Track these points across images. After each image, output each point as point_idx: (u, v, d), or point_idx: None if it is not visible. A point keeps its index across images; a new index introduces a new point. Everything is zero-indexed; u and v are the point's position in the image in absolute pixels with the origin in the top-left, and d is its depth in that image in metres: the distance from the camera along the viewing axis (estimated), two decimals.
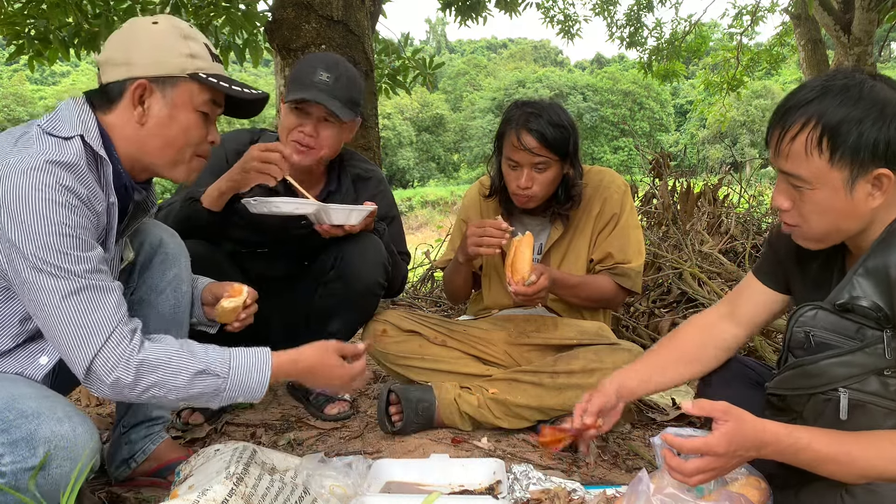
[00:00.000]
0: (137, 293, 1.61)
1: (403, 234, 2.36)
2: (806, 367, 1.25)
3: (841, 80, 1.18)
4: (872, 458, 1.14)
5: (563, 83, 47.22)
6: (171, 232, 1.67)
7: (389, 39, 5.69)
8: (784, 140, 1.20)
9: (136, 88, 1.34)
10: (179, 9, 4.57)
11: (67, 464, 1.15)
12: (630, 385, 1.56)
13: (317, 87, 1.96)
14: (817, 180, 1.19)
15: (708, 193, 4.43)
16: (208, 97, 1.41)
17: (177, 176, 1.45)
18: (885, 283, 1.17)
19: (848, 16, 7.74)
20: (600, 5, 10.41)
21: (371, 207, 1.98)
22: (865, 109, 1.14)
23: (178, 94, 1.37)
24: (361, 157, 2.32)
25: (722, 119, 12.44)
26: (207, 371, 1.31)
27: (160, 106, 1.37)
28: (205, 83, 1.39)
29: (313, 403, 2.18)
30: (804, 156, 1.18)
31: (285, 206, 1.88)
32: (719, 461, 1.17)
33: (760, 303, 1.54)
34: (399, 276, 2.25)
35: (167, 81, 1.36)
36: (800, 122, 1.18)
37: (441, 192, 36.83)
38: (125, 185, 1.41)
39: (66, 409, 1.20)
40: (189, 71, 1.37)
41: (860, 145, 1.14)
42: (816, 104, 1.17)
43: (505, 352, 2.15)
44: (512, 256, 1.85)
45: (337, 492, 1.46)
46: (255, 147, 1.85)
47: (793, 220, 1.28)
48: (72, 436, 1.16)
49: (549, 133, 1.94)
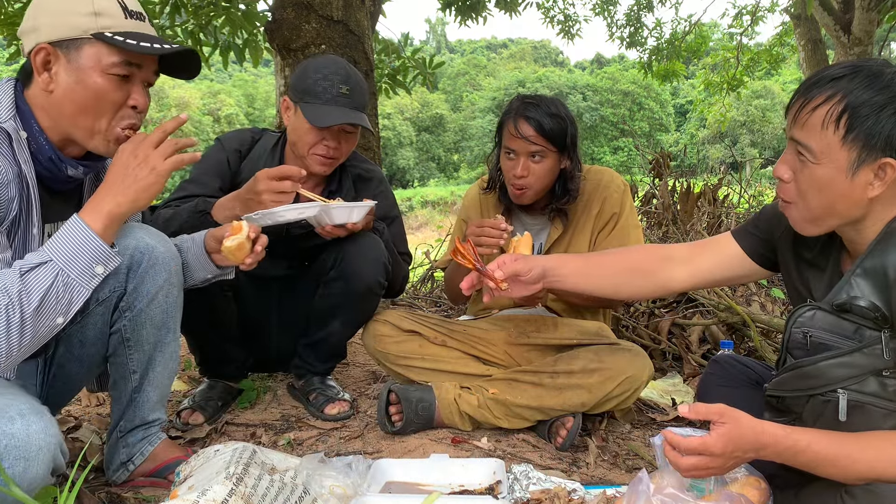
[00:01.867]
0: (128, 299, 1.56)
1: (405, 234, 2.36)
2: (804, 369, 1.25)
3: (874, 66, 1.19)
4: (872, 459, 1.14)
5: (563, 83, 47.20)
6: (162, 238, 1.61)
7: (389, 39, 5.69)
8: (805, 109, 1.20)
9: (37, 54, 1.29)
10: (179, 9, 4.57)
11: (20, 464, 1.10)
12: (562, 272, 1.56)
13: (339, 104, 1.99)
14: (824, 155, 1.18)
15: (708, 193, 4.43)
16: (119, 58, 1.31)
17: (96, 147, 1.37)
18: (883, 284, 1.16)
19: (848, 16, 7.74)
20: (600, 5, 10.42)
21: (371, 204, 1.98)
22: (890, 98, 1.14)
23: (83, 57, 1.29)
24: (362, 157, 2.32)
25: (722, 119, 12.44)
26: (27, 266, 1.20)
27: (66, 71, 1.29)
28: (111, 43, 1.29)
29: (313, 403, 2.18)
30: (819, 128, 1.18)
31: (289, 214, 1.86)
32: (716, 461, 1.17)
33: (725, 258, 1.53)
34: (400, 276, 2.25)
35: (70, 44, 1.29)
36: (824, 95, 1.18)
37: (441, 192, 36.82)
38: (51, 157, 1.35)
39: (21, 407, 1.15)
40: (92, 31, 1.29)
41: (875, 131, 1.14)
42: (846, 82, 1.17)
43: (505, 352, 2.15)
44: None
45: (337, 492, 1.46)
46: (265, 176, 1.81)
47: (789, 196, 1.27)
48: (24, 435, 1.11)
49: (546, 122, 1.96)
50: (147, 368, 1.63)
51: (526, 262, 1.56)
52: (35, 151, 1.34)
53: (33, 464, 1.12)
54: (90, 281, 1.26)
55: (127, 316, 1.57)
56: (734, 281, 1.58)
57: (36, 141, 1.34)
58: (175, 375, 1.74)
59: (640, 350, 1.96)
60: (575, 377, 1.91)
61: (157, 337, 1.62)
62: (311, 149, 2.02)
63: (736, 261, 1.53)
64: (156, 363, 1.64)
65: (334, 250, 2.10)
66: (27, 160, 1.32)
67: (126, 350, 1.61)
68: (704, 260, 1.55)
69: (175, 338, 1.67)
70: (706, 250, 1.56)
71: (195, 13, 4.65)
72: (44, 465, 1.13)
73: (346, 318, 2.14)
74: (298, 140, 2.04)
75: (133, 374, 1.63)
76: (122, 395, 1.65)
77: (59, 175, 1.40)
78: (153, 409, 1.67)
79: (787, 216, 1.32)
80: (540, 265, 1.56)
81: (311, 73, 2.03)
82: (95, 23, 1.30)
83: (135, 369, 1.63)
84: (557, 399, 1.91)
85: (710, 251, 1.56)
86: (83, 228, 1.25)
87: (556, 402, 1.91)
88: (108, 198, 1.28)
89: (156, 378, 1.65)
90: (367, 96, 2.10)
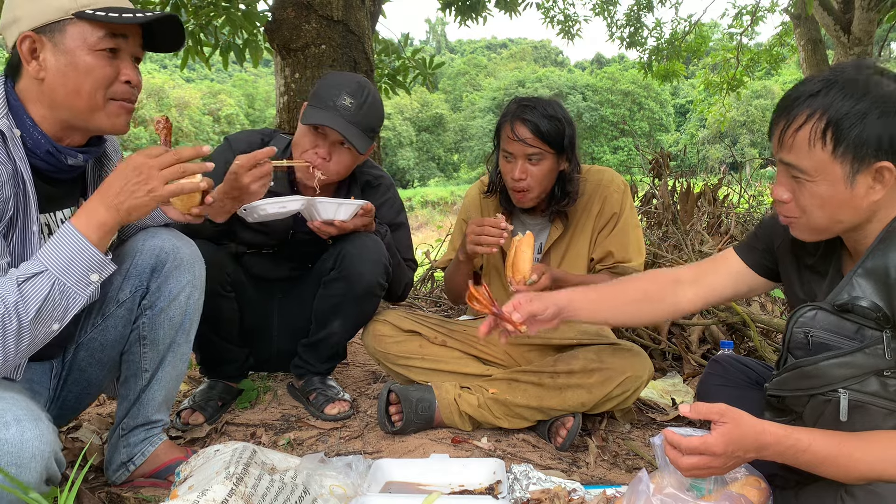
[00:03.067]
0: (150, 298, 1.60)
1: (411, 241, 2.35)
2: (805, 368, 1.24)
3: (847, 73, 1.18)
4: (874, 459, 1.14)
5: (563, 83, 47.22)
6: (188, 240, 1.64)
7: (389, 39, 5.69)
8: (788, 131, 1.20)
9: (22, 43, 1.30)
10: (179, 8, 4.57)
11: (11, 470, 1.09)
12: (576, 307, 1.56)
13: (338, 112, 1.95)
14: (818, 172, 1.18)
15: (708, 193, 4.43)
16: (104, 33, 1.31)
17: (100, 125, 1.36)
18: (884, 284, 1.16)
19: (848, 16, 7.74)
20: (600, 5, 10.41)
21: (361, 202, 1.97)
22: (870, 103, 1.14)
23: (68, 38, 1.29)
24: (372, 164, 2.30)
25: (722, 119, 12.44)
26: (24, 275, 1.19)
27: (54, 56, 1.30)
28: (93, 19, 1.29)
29: (313, 403, 2.18)
30: (807, 147, 1.18)
31: (271, 208, 1.84)
32: (716, 461, 1.17)
33: (731, 275, 1.54)
34: (402, 282, 2.24)
35: (54, 28, 1.29)
36: (805, 114, 1.18)
37: (441, 192, 36.82)
38: (49, 150, 1.36)
39: (17, 412, 1.14)
40: (73, 11, 1.29)
41: (863, 139, 1.14)
42: (822, 97, 1.17)
43: (505, 352, 2.15)
44: (512, 256, 1.85)
45: (337, 492, 1.46)
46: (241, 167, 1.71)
47: (792, 213, 1.27)
48: (17, 441, 1.10)
49: (543, 124, 1.96)
50: (158, 367, 1.64)
51: (541, 301, 1.54)
52: (32, 147, 1.34)
53: (25, 470, 1.11)
54: (86, 288, 1.26)
55: (147, 314, 1.60)
56: (743, 296, 1.58)
57: (31, 136, 1.33)
58: (182, 379, 1.74)
59: (640, 350, 1.96)
60: (575, 377, 1.91)
61: (172, 337, 1.63)
62: (302, 152, 2.01)
63: (742, 277, 1.53)
64: (166, 363, 1.65)
65: (335, 251, 2.10)
66: (22, 158, 1.31)
67: (141, 348, 1.62)
68: (711, 280, 1.55)
69: (188, 340, 1.68)
70: (712, 270, 1.56)
71: (195, 13, 4.66)
72: (36, 473, 1.12)
73: (346, 318, 2.14)
74: (296, 142, 2.04)
75: (145, 373, 1.64)
76: (130, 393, 1.65)
77: (59, 166, 1.39)
78: (158, 409, 1.68)
79: (791, 231, 1.32)
80: (554, 303, 1.54)
81: (327, 81, 2.03)
82: (75, 2, 1.30)
83: (147, 368, 1.64)
84: (557, 399, 1.91)
85: (715, 270, 1.56)
86: (77, 237, 1.25)
87: (556, 402, 1.91)
88: (102, 208, 1.27)
89: (164, 377, 1.66)
90: (375, 120, 2.04)
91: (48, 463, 1.14)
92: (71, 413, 1.70)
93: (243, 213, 1.83)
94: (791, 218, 1.29)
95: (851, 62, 1.25)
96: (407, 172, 45.48)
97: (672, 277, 1.59)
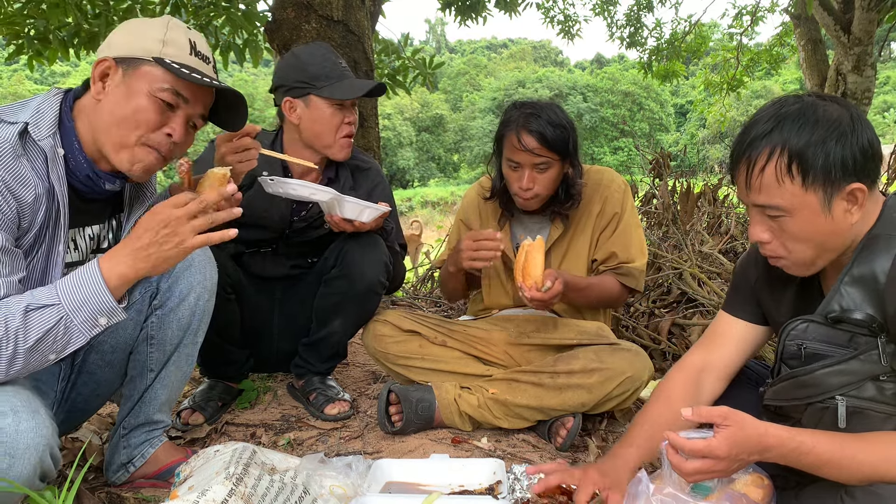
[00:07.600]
0: (160, 297, 1.61)
1: (400, 226, 2.37)
2: (800, 378, 1.25)
3: (792, 105, 1.19)
4: (876, 461, 1.14)
5: (563, 83, 47.21)
6: None
7: (389, 39, 5.68)
8: (753, 173, 1.20)
9: (99, 64, 1.34)
10: (179, 8, 4.57)
11: (4, 461, 1.09)
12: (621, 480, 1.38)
13: (347, 75, 2.06)
14: (795, 206, 1.18)
15: (708, 193, 4.43)
16: (169, 85, 1.35)
17: (121, 161, 1.36)
18: (874, 290, 1.17)
19: (848, 16, 7.73)
20: (600, 5, 10.41)
21: (384, 208, 1.98)
22: (825, 130, 1.15)
23: (137, 75, 1.34)
24: (358, 149, 2.33)
25: (722, 119, 12.43)
26: (34, 304, 1.18)
27: (118, 84, 1.34)
28: (167, 67, 1.34)
29: (313, 403, 2.18)
30: (776, 185, 1.18)
31: (302, 190, 1.84)
32: (720, 464, 1.17)
33: (737, 340, 1.50)
34: (400, 275, 2.26)
35: (131, 62, 1.34)
36: (765, 153, 1.18)
37: (441, 192, 36.83)
38: (88, 175, 1.37)
39: (14, 403, 1.13)
40: (154, 55, 1.34)
41: (829, 165, 1.14)
42: (777, 133, 1.17)
43: (505, 352, 2.15)
44: (522, 262, 1.85)
45: (337, 492, 1.46)
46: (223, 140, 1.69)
47: (777, 252, 1.27)
48: (12, 430, 1.10)
49: (549, 133, 1.94)
50: (163, 368, 1.64)
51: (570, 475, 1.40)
52: (73, 168, 1.36)
53: (18, 461, 1.10)
54: (91, 330, 1.25)
55: (157, 314, 1.61)
56: (758, 350, 1.54)
57: (75, 158, 1.36)
58: (187, 381, 1.74)
59: (640, 350, 1.96)
60: (575, 377, 1.91)
61: (180, 338, 1.64)
62: (338, 131, 2.06)
63: (747, 334, 1.50)
64: (171, 364, 1.65)
65: (336, 249, 2.10)
66: (60, 177, 1.32)
67: (148, 348, 1.63)
68: (722, 355, 1.51)
69: (195, 342, 1.68)
70: (717, 345, 1.52)
71: (195, 13, 4.66)
72: (30, 465, 1.12)
73: (346, 317, 2.14)
74: (322, 130, 2.05)
75: (150, 373, 1.64)
76: (134, 393, 1.65)
77: (96, 189, 1.41)
78: (160, 409, 1.68)
79: (786, 271, 1.30)
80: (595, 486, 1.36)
81: (309, 62, 2.05)
82: (160, 49, 1.35)
83: (153, 367, 1.64)
84: (557, 399, 1.91)
85: (720, 344, 1.52)
86: (97, 280, 1.23)
87: (556, 402, 1.91)
88: (129, 259, 1.25)
89: (168, 377, 1.66)
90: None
91: (42, 456, 1.14)
92: (80, 416, 1.70)
93: (270, 181, 1.81)
94: (778, 258, 1.28)
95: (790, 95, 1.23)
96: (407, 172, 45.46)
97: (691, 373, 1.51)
